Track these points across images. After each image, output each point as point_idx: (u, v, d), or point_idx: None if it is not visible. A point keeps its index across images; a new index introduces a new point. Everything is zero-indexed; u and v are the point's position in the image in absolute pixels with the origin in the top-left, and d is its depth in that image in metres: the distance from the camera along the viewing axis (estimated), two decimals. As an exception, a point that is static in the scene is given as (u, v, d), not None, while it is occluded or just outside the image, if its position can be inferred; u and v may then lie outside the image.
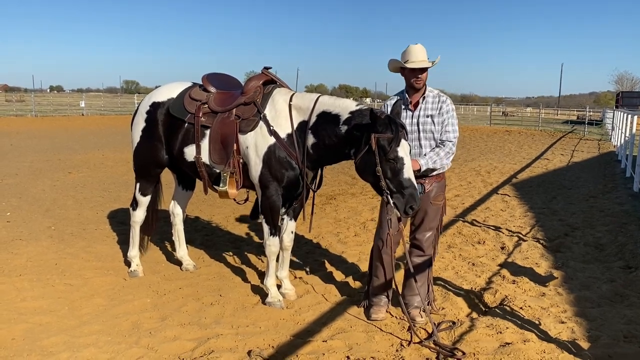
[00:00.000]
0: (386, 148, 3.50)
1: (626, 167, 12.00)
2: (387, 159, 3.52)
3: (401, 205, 3.55)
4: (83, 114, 35.22)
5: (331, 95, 4.14)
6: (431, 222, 4.04)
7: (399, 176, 3.53)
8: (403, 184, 3.52)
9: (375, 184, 3.64)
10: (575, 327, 3.89)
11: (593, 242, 6.18)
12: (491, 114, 38.72)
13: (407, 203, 3.53)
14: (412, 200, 3.52)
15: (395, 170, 3.53)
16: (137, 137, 4.78)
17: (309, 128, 3.95)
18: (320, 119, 3.91)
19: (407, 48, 3.89)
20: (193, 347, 3.57)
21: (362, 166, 3.68)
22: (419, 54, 3.84)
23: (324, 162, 4.12)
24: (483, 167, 13.18)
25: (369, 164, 3.60)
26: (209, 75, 4.60)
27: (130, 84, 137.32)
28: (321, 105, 3.95)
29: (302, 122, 4.01)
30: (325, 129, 3.87)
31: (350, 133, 3.73)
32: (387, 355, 3.49)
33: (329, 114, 3.88)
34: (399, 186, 3.53)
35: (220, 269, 5.20)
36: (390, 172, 3.54)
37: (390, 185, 3.55)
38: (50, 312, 4.08)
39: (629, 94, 48.32)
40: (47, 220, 6.92)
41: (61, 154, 14.19)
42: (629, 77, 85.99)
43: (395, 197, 3.55)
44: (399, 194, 3.54)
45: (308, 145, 3.97)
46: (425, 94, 3.95)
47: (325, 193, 9.16)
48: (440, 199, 4.04)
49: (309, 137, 3.95)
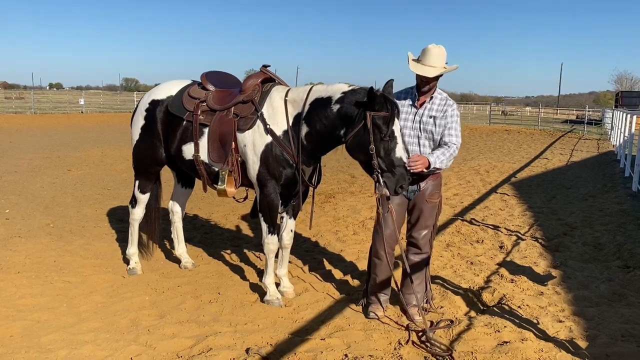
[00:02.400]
0: (381, 126, 3.51)
1: (625, 166, 12.01)
2: (382, 138, 3.52)
3: (391, 185, 3.56)
4: (82, 111, 35.17)
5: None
6: (427, 220, 4.04)
7: (391, 155, 3.55)
8: (394, 162, 3.54)
9: (367, 162, 3.62)
10: (573, 326, 3.89)
11: (592, 242, 6.19)
12: (491, 113, 38.68)
13: (397, 182, 3.55)
14: (402, 180, 3.55)
15: (388, 149, 3.55)
16: (137, 134, 4.78)
17: (303, 119, 3.93)
18: (313, 107, 3.89)
19: (426, 48, 3.80)
20: (191, 345, 3.57)
21: (355, 144, 3.66)
22: (433, 59, 3.75)
23: (318, 151, 4.06)
24: (482, 166, 13.18)
25: (362, 141, 3.59)
26: (208, 73, 4.59)
27: (129, 81, 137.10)
28: (314, 93, 3.93)
29: (296, 115, 4.00)
30: (317, 113, 3.84)
31: (341, 112, 3.71)
32: (385, 354, 3.50)
33: (321, 99, 3.86)
34: (391, 165, 3.55)
35: (219, 267, 5.21)
36: (383, 151, 3.55)
37: (382, 164, 3.56)
38: (48, 310, 4.09)
39: (628, 93, 48.28)
40: (46, 217, 6.92)
41: (60, 151, 14.19)
42: (628, 76, 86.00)
43: (386, 176, 3.56)
44: (389, 172, 3.56)
45: (302, 136, 3.94)
46: (433, 95, 3.93)
47: (325, 191, 9.16)
48: (436, 197, 4.02)
49: (303, 127, 3.93)
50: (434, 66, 3.74)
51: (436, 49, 3.77)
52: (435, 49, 3.76)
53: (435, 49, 3.76)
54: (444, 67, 3.77)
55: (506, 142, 21.15)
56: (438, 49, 3.77)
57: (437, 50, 3.76)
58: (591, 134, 27.65)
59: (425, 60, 3.76)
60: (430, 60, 3.75)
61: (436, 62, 3.75)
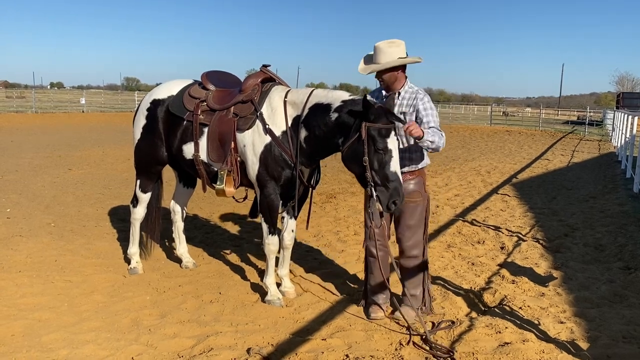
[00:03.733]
0: (376, 138, 3.47)
1: (626, 168, 12.00)
2: (376, 150, 3.48)
3: (384, 199, 3.50)
4: (83, 110, 35.21)
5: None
6: (408, 221, 3.93)
7: (385, 169, 3.49)
8: (389, 177, 3.48)
9: (361, 174, 3.59)
10: (574, 327, 3.89)
11: (593, 243, 6.18)
12: (492, 113, 38.68)
13: (390, 197, 3.48)
14: (395, 195, 3.47)
15: (383, 162, 3.49)
16: (138, 134, 4.78)
17: (302, 122, 3.92)
18: (312, 111, 3.87)
19: (375, 45, 3.77)
20: (192, 345, 3.57)
21: (350, 155, 3.62)
22: (381, 56, 3.74)
23: (317, 155, 4.05)
24: (483, 167, 13.18)
25: (357, 153, 3.55)
26: (208, 73, 4.59)
27: (131, 81, 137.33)
28: (314, 97, 3.91)
29: (296, 117, 3.99)
30: (316, 119, 3.82)
31: (339, 120, 3.68)
32: (386, 354, 3.50)
33: (320, 104, 3.84)
34: (385, 179, 3.49)
35: (220, 267, 5.21)
36: (377, 164, 3.49)
37: (376, 177, 3.50)
38: (49, 309, 4.09)
39: (629, 94, 48.28)
40: (47, 217, 6.92)
41: (61, 150, 14.19)
42: (629, 78, 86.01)
43: (379, 190, 3.50)
44: (383, 187, 3.50)
45: (301, 139, 3.93)
46: (400, 91, 3.86)
47: (326, 191, 9.16)
48: (416, 197, 3.90)
49: (302, 130, 3.92)
50: (379, 62, 3.73)
51: (380, 44, 3.75)
52: (379, 44, 3.75)
53: (379, 44, 3.75)
54: (396, 60, 3.71)
55: (507, 143, 21.15)
56: (382, 43, 3.75)
57: (382, 45, 3.74)
58: (592, 135, 27.63)
59: (376, 57, 3.76)
60: (378, 58, 3.75)
61: (382, 58, 3.73)
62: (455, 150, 17.56)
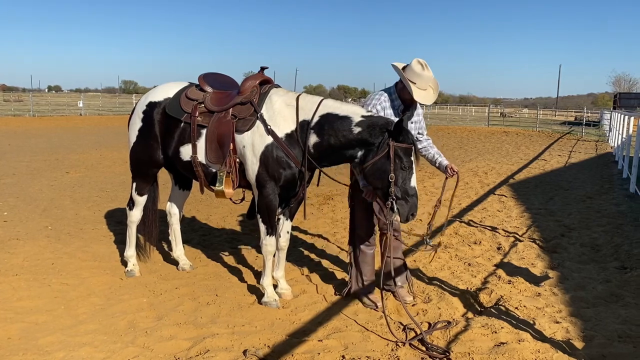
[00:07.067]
0: (402, 157, 3.69)
1: (623, 168, 12.04)
2: (401, 167, 3.69)
3: (404, 212, 3.74)
4: (81, 114, 35.17)
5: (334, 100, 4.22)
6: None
7: (406, 184, 3.72)
8: (409, 192, 3.73)
9: (384, 189, 3.76)
10: (570, 327, 3.90)
11: (589, 243, 6.20)
12: (489, 114, 38.75)
13: (410, 210, 3.75)
14: (414, 208, 3.77)
15: (405, 178, 3.72)
16: (134, 136, 4.78)
17: (311, 127, 3.97)
18: (325, 119, 3.93)
19: (415, 68, 3.97)
20: (189, 347, 3.58)
21: (374, 171, 3.79)
22: (425, 82, 3.99)
23: (323, 161, 4.10)
24: (480, 168, 13.20)
25: (383, 169, 3.73)
26: (205, 75, 4.60)
27: (128, 84, 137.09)
28: (325, 107, 3.99)
29: (303, 121, 4.02)
30: (333, 128, 3.89)
31: (361, 135, 3.81)
32: (383, 355, 3.51)
33: (335, 115, 3.92)
34: (405, 193, 3.73)
35: (216, 269, 5.21)
36: (400, 180, 3.72)
37: (398, 192, 3.72)
38: (46, 312, 4.09)
39: (626, 95, 48.46)
40: (44, 219, 6.92)
41: (59, 153, 14.19)
42: (626, 78, 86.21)
43: (399, 203, 3.74)
44: (403, 200, 3.73)
45: (310, 144, 3.98)
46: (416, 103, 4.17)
47: (323, 193, 9.16)
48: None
49: (312, 136, 3.97)
50: (427, 89, 4.03)
51: (425, 72, 3.98)
52: (425, 72, 3.98)
53: (425, 72, 3.98)
54: (434, 96, 4.10)
55: (504, 144, 21.19)
56: (427, 72, 3.99)
57: (427, 73, 3.99)
58: (589, 136, 27.70)
59: (419, 82, 3.99)
60: (422, 84, 4.00)
61: (427, 85, 4.02)
62: (452, 151, 17.59)
